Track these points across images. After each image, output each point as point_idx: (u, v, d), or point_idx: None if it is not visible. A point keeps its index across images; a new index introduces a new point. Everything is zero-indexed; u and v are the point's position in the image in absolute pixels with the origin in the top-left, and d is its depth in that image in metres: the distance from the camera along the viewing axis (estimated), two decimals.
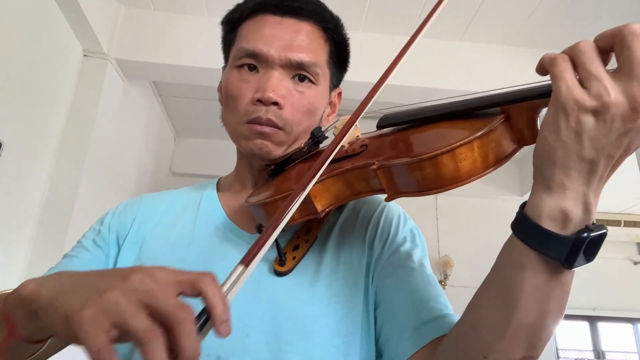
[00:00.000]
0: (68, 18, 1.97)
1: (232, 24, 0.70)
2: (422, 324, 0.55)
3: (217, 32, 0.79)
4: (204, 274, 0.37)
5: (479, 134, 0.44)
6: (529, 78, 0.42)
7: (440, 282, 3.78)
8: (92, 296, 0.35)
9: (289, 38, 0.65)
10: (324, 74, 0.69)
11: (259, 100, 0.63)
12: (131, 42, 2.28)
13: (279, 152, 0.66)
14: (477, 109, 0.49)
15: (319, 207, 0.56)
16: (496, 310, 0.44)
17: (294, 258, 0.62)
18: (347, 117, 0.55)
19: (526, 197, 0.44)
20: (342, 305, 0.60)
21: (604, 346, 5.03)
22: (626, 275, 4.98)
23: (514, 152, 0.48)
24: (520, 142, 0.48)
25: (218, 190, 0.76)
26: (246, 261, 0.42)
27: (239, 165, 0.75)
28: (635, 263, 5.06)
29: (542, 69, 0.42)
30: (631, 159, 2.47)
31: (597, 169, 0.39)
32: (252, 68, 0.65)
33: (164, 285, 0.35)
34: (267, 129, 0.64)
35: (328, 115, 0.74)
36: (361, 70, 2.40)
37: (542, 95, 0.44)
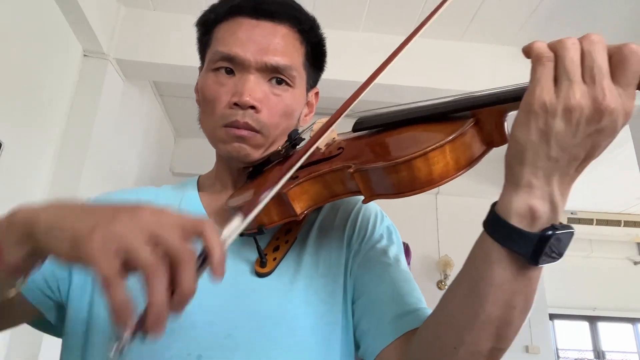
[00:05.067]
0: (68, 18, 1.97)
1: (207, 26, 0.71)
2: (398, 316, 0.58)
3: None
4: (205, 219, 0.39)
5: (450, 137, 0.46)
6: (528, 78, 0.42)
7: (440, 282, 3.78)
8: (103, 221, 0.36)
9: (265, 41, 0.65)
10: (300, 76, 0.69)
11: (236, 104, 0.64)
12: (131, 42, 2.28)
13: (257, 154, 0.67)
14: (449, 112, 0.51)
15: (298, 210, 0.57)
16: (466, 303, 0.46)
17: (274, 259, 0.63)
18: (324, 120, 0.57)
19: None
20: (322, 302, 0.62)
21: (604, 346, 5.03)
22: (626, 275, 4.99)
23: (483, 153, 0.50)
24: (490, 144, 0.50)
25: (199, 189, 0.76)
26: (245, 211, 0.44)
27: (218, 167, 0.75)
28: (635, 263, 5.06)
29: (527, 55, 0.42)
30: (631, 159, 2.47)
31: (563, 169, 0.41)
32: (229, 71, 0.66)
33: (171, 224, 0.37)
34: (244, 133, 0.64)
35: (306, 116, 0.75)
36: (361, 70, 2.40)
37: (508, 100, 0.46)
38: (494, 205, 0.45)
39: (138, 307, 0.35)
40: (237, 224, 0.43)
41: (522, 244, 0.42)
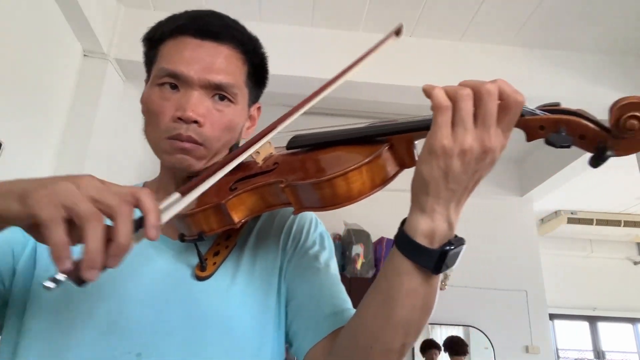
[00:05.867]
0: (68, 18, 1.97)
1: (153, 42, 0.74)
2: (325, 317, 0.64)
3: None
4: (143, 188, 0.45)
5: (367, 160, 0.53)
6: (528, 78, 0.43)
7: (440, 282, 3.78)
8: (49, 183, 0.42)
9: (209, 61, 0.69)
10: (242, 93, 0.73)
11: (180, 119, 0.67)
12: (131, 42, 2.28)
13: (199, 165, 0.70)
14: (369, 137, 0.58)
15: (236, 219, 0.62)
16: (380, 307, 0.54)
17: (214, 263, 0.67)
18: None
19: (526, 197, 0.45)
20: (257, 304, 0.66)
21: (604, 346, 5.03)
22: (626, 275, 4.98)
23: (396, 173, 0.57)
24: (402, 166, 0.57)
25: None
26: (184, 191, 0.50)
27: (162, 175, 0.78)
28: (635, 263, 5.06)
29: (427, 96, 0.49)
30: (631, 159, 2.47)
31: (458, 197, 0.50)
32: (173, 87, 0.69)
33: (111, 189, 0.43)
34: (187, 145, 0.68)
35: (247, 129, 0.79)
36: (362, 71, 2.40)
37: (416, 130, 0.55)
38: (402, 225, 0.53)
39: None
40: (174, 199, 0.47)
41: (426, 258, 0.50)
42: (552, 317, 4.34)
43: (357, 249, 3.23)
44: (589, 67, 2.47)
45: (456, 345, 3.55)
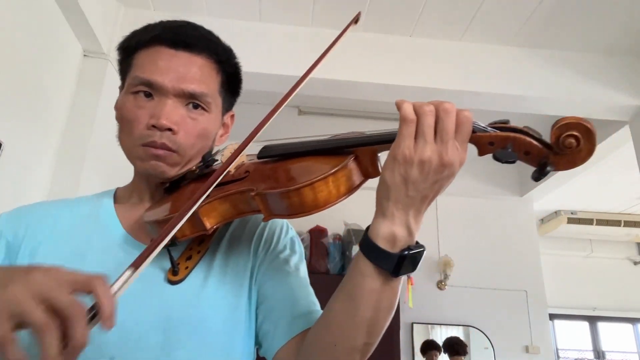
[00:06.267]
0: (68, 18, 1.97)
1: (128, 51, 0.75)
2: (293, 318, 0.66)
3: (217, 32, 0.79)
4: (96, 275, 0.44)
5: (332, 171, 0.56)
6: (528, 78, 0.43)
7: (440, 282, 3.78)
8: None
9: (183, 70, 0.70)
10: (215, 102, 0.75)
11: (154, 126, 0.69)
12: None
13: (172, 172, 0.72)
14: (336, 148, 0.61)
15: (208, 225, 0.64)
16: (344, 307, 0.58)
17: (186, 268, 0.69)
18: (236, 144, 0.66)
19: (526, 197, 0.46)
20: (228, 307, 0.68)
21: (604, 346, 5.03)
22: (626, 275, 4.98)
23: (361, 183, 0.60)
24: (366, 176, 0.61)
25: (116, 201, 0.79)
26: (136, 264, 0.49)
27: (136, 181, 0.79)
28: (635, 263, 5.06)
29: (398, 108, 0.53)
30: (631, 159, 2.47)
31: (417, 204, 0.53)
32: (148, 95, 0.70)
33: (61, 283, 0.42)
34: (160, 152, 0.69)
35: (221, 136, 0.81)
36: (361, 71, 2.40)
37: (380, 142, 0.58)
38: (367, 229, 0.56)
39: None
40: (127, 276, 0.48)
41: (386, 261, 0.53)
42: (552, 317, 4.34)
43: (357, 249, 3.23)
44: (588, 67, 2.46)
45: (455, 346, 3.55)
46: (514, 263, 3.80)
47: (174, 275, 0.67)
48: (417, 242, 0.55)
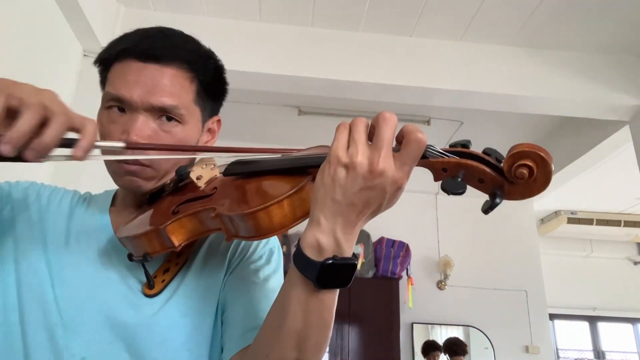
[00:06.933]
0: (68, 18, 1.97)
1: (105, 64, 0.75)
2: (246, 331, 0.65)
3: (217, 32, 0.79)
4: (92, 120, 0.50)
5: (288, 194, 0.54)
6: (528, 78, 0.43)
7: (440, 282, 3.78)
8: (9, 83, 0.50)
9: (151, 84, 0.69)
10: (190, 113, 0.73)
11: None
12: None
13: (149, 185, 0.72)
14: (297, 168, 0.59)
15: (176, 242, 0.63)
16: (274, 316, 0.57)
17: (163, 281, 0.69)
18: (205, 157, 0.67)
19: (525, 198, 0.45)
20: (197, 315, 0.69)
21: (604, 346, 5.03)
22: (626, 275, 4.99)
23: None
24: None
25: (113, 202, 0.81)
26: (131, 146, 0.57)
27: (121, 190, 0.81)
28: (635, 263, 5.06)
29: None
30: (631, 159, 2.47)
31: (344, 212, 0.50)
32: (121, 109, 0.70)
33: (63, 108, 0.51)
34: (133, 168, 0.69)
35: (206, 142, 0.80)
36: (361, 71, 2.41)
37: None
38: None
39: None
40: (117, 145, 0.52)
41: (309, 270, 0.51)
42: (552, 317, 4.35)
43: (357, 249, 3.23)
44: (588, 67, 2.47)
45: (455, 346, 3.56)
46: (514, 263, 3.80)
47: (150, 289, 0.68)
48: (352, 256, 0.52)
